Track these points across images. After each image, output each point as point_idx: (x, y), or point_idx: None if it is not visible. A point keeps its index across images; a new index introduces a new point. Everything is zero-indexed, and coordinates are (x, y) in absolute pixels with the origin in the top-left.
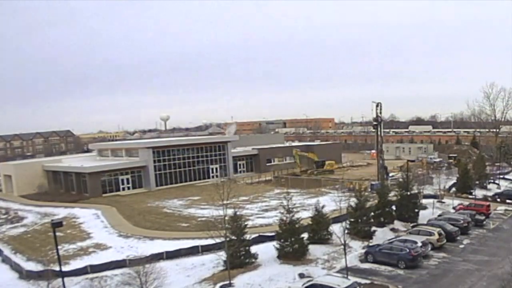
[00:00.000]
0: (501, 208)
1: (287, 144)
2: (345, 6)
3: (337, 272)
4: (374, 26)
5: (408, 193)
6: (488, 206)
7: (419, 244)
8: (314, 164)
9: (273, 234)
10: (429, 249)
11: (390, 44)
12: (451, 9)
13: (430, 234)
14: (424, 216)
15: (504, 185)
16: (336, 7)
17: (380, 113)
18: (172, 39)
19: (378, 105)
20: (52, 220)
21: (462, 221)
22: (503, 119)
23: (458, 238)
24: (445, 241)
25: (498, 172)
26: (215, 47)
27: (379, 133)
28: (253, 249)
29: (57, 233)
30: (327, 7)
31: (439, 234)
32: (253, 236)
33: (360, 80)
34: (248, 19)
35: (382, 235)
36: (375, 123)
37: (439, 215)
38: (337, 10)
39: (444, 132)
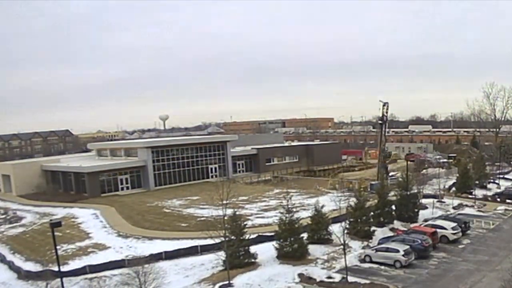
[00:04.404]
0: (501, 208)
1: (286, 143)
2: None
3: (337, 272)
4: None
5: (408, 193)
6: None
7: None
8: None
9: (272, 234)
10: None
11: (389, 44)
12: (450, 6)
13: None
14: (424, 215)
15: (504, 184)
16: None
17: (387, 112)
18: (170, 40)
19: (385, 104)
20: (51, 220)
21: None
22: (503, 119)
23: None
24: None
25: (498, 171)
26: (213, 46)
27: (383, 132)
28: (253, 249)
29: (56, 233)
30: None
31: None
32: (253, 236)
33: (359, 79)
34: (248, 17)
35: (381, 235)
36: (380, 122)
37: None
38: (337, 10)
39: (444, 132)
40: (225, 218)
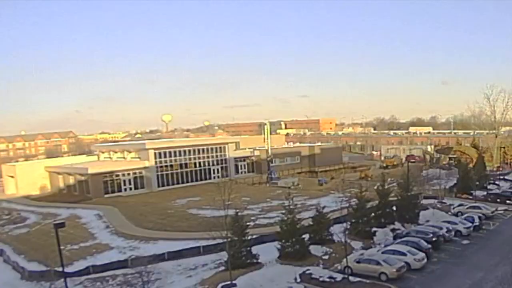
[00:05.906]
0: (501, 208)
1: (287, 145)
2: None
3: (338, 272)
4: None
5: (408, 193)
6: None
7: None
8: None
9: (274, 234)
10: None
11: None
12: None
13: None
14: (424, 216)
15: (504, 185)
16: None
17: None
18: (167, 39)
19: None
20: (55, 220)
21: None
22: (503, 120)
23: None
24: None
25: (498, 173)
26: (214, 47)
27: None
28: (254, 249)
29: (60, 234)
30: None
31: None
32: (255, 236)
33: (360, 80)
34: (246, 18)
35: (382, 236)
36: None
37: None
38: (337, 11)
39: (444, 133)
40: (227, 218)
